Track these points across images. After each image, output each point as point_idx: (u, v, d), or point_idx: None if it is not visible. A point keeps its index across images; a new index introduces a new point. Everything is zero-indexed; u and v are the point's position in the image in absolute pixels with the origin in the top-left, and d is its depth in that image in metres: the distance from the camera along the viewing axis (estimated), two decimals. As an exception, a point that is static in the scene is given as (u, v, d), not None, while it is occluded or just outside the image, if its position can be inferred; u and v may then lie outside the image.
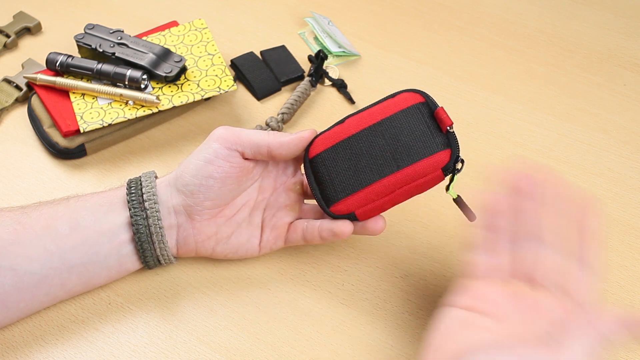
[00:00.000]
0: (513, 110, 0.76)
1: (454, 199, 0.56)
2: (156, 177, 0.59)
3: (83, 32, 0.74)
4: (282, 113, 0.72)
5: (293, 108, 0.72)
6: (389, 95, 0.57)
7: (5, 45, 0.79)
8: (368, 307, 0.60)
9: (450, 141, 0.54)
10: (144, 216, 0.55)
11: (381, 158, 0.55)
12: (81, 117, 0.68)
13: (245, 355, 0.57)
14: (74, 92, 0.71)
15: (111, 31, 0.73)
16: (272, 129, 0.70)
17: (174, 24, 0.78)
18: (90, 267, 0.56)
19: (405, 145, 0.54)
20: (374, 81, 0.78)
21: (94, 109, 0.69)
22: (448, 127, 0.54)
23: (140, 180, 0.57)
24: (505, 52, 0.83)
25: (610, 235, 0.66)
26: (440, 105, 0.55)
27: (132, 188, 0.56)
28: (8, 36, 0.79)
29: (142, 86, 0.70)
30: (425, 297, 0.61)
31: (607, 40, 0.84)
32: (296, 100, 0.73)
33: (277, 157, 0.56)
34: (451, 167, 0.54)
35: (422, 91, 0.56)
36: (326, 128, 0.58)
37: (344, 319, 0.59)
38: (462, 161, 0.54)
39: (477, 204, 0.67)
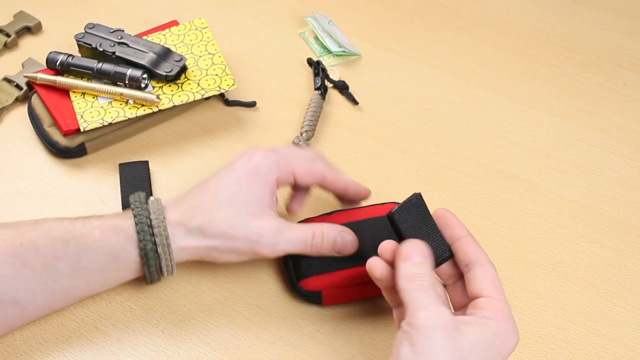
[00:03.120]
0: (513, 110, 0.76)
1: None
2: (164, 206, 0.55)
3: (83, 31, 0.74)
4: (306, 131, 0.71)
5: (314, 124, 0.72)
6: (378, 204, 0.61)
7: (5, 45, 0.79)
8: (369, 307, 0.60)
9: None
10: (161, 275, 0.55)
11: (361, 247, 0.57)
12: (81, 116, 0.68)
13: (245, 355, 0.57)
14: (74, 92, 0.71)
15: (111, 30, 0.73)
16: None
17: (174, 23, 0.78)
18: (96, 294, 0.56)
19: None
20: (374, 81, 0.78)
21: (94, 108, 0.69)
22: None
23: (153, 235, 0.52)
24: (505, 52, 0.83)
25: (610, 235, 0.66)
26: None
27: (150, 257, 0.53)
28: (8, 35, 0.79)
29: (143, 85, 0.70)
30: (426, 296, 0.61)
31: (607, 40, 0.84)
32: (313, 116, 0.72)
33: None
34: None
35: None
36: (313, 216, 0.62)
37: (344, 318, 0.59)
38: None
39: (478, 205, 0.68)
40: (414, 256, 0.48)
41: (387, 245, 0.50)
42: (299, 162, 0.57)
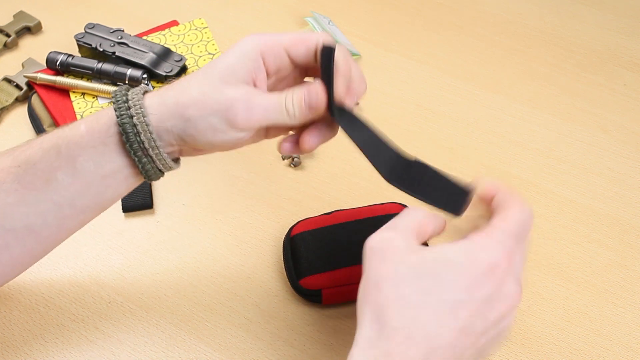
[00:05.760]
0: (513, 110, 0.76)
1: None
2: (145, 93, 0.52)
3: (83, 31, 0.74)
4: None
5: None
6: (378, 203, 0.63)
7: (5, 45, 0.79)
8: (368, 307, 0.60)
9: None
10: (151, 160, 0.52)
11: (359, 247, 0.53)
12: (81, 116, 0.68)
13: (245, 355, 0.57)
14: (74, 92, 0.71)
15: (111, 30, 0.73)
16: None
17: (174, 23, 0.78)
18: (102, 203, 0.54)
19: None
20: (374, 81, 0.78)
21: (94, 108, 0.69)
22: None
23: (129, 108, 0.50)
24: (505, 51, 0.83)
25: (610, 235, 0.66)
26: None
27: (129, 131, 0.50)
28: (8, 35, 0.79)
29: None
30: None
31: (607, 40, 0.84)
32: None
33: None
34: None
35: (406, 205, 0.61)
36: (312, 216, 0.62)
37: (344, 318, 0.59)
38: None
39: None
40: None
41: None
42: (289, 35, 0.52)
